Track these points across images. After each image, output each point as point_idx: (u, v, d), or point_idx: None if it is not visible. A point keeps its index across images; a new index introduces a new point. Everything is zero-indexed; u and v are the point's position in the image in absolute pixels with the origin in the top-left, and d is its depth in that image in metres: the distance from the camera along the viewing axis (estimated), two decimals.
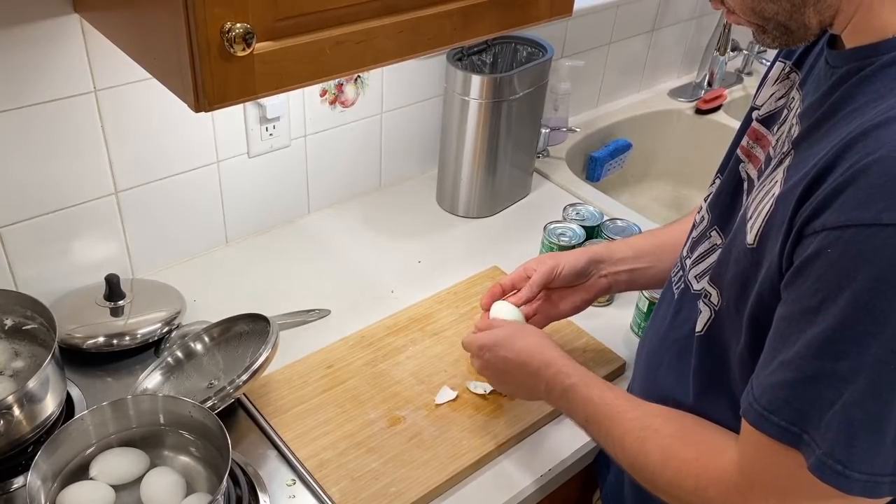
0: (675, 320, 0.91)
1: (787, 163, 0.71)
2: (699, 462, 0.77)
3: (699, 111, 1.99)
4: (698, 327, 0.84)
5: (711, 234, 0.88)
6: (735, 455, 0.74)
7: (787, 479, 0.68)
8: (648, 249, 1.10)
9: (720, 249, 0.83)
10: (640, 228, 1.39)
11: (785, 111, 0.81)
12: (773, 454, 0.68)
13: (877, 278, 0.58)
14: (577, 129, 1.75)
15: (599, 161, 1.81)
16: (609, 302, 1.33)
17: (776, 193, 0.71)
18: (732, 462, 0.73)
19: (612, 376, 1.18)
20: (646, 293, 1.23)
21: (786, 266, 0.67)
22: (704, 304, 0.83)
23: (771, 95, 0.86)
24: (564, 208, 1.46)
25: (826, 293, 0.61)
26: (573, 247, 1.34)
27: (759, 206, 0.73)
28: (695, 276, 0.88)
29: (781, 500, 0.70)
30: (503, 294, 1.10)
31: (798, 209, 0.65)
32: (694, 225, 0.94)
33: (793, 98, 0.81)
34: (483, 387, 1.13)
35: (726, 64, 2.02)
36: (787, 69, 0.85)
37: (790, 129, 0.77)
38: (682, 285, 0.91)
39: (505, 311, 1.06)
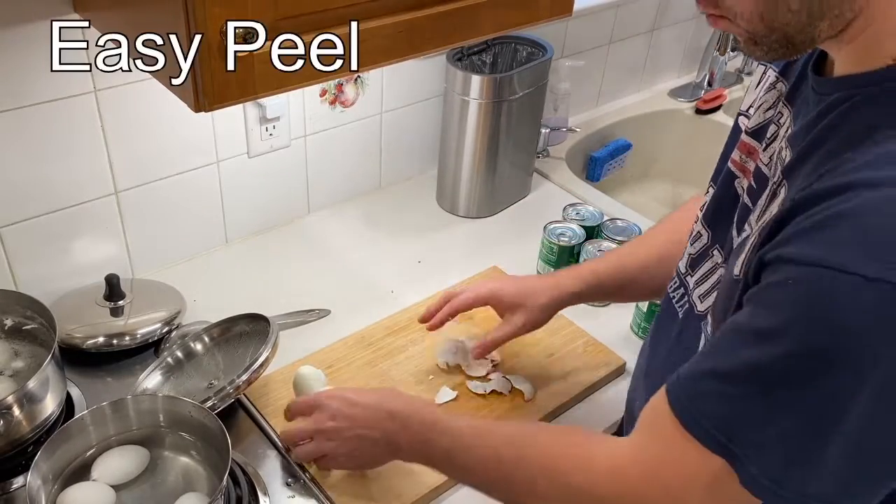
0: (678, 341, 0.88)
1: (781, 195, 0.69)
2: (590, 461, 0.74)
3: (699, 111, 1.99)
4: None
5: (713, 252, 0.86)
6: (632, 448, 0.72)
7: (692, 478, 0.67)
8: (614, 287, 1.08)
9: (721, 271, 0.81)
10: (640, 229, 1.39)
11: (773, 126, 0.79)
12: (686, 453, 0.66)
13: (831, 324, 0.57)
14: (577, 129, 1.75)
15: (599, 161, 1.81)
16: (608, 302, 1.33)
17: None
18: (627, 455, 0.72)
19: (612, 376, 1.18)
20: None
21: (752, 282, 0.65)
22: (704, 331, 0.82)
23: (759, 106, 0.83)
24: (564, 208, 1.46)
25: (780, 322, 0.60)
26: (573, 247, 1.34)
27: (752, 238, 0.72)
28: (699, 297, 0.86)
29: (679, 498, 0.68)
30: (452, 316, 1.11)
31: (775, 233, 0.63)
32: (690, 239, 0.91)
33: (780, 113, 0.78)
34: (483, 387, 1.13)
35: (726, 64, 2.02)
36: (774, 78, 0.81)
37: (780, 151, 0.74)
38: (687, 305, 0.88)
39: (313, 377, 1.04)
